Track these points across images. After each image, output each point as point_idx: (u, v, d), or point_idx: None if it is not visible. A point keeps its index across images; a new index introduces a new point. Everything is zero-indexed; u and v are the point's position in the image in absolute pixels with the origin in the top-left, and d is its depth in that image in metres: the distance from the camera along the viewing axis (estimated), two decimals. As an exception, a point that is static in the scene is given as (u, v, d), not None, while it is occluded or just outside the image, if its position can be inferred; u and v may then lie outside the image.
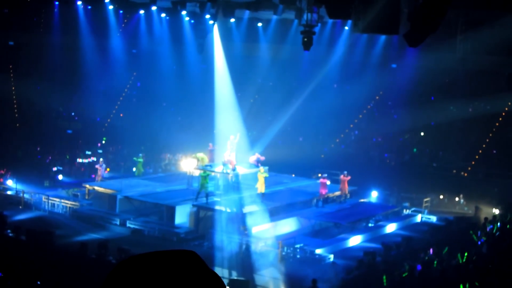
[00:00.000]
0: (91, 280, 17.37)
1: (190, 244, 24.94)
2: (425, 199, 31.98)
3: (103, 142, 42.04)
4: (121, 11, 41.80)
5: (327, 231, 27.25)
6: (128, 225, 27.24)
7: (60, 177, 35.15)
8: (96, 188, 30.73)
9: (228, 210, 26.61)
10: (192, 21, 38.81)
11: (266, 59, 43.55)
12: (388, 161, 39.22)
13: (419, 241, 26.16)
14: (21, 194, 30.32)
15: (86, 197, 30.65)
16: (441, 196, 33.63)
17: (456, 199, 33.57)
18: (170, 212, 27.47)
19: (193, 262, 1.64)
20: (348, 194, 31.26)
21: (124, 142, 40.33)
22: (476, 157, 37.00)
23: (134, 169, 35.17)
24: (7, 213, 26.47)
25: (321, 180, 30.15)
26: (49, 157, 38.20)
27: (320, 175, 31.16)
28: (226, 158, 30.01)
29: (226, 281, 19.44)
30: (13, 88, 43.55)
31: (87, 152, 39.72)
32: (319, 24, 29.78)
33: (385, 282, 18.81)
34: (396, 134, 40.62)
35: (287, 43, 39.99)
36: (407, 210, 31.54)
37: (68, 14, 41.42)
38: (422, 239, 26.70)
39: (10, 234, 24.20)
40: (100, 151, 39.54)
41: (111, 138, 41.70)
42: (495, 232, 24.24)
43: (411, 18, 15.66)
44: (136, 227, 27.10)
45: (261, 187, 28.13)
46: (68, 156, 38.89)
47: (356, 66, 41.23)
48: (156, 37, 42.93)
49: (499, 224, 25.08)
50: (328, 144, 40.32)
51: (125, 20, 44.33)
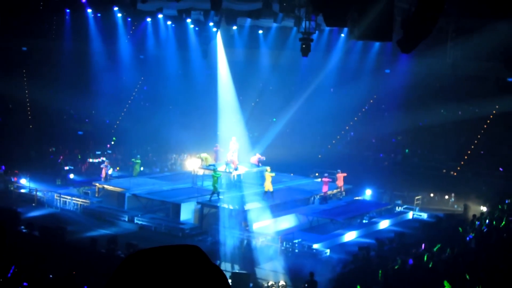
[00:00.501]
0: (101, 273, 17.37)
1: (194, 239, 24.94)
2: (417, 197, 31.97)
3: (113, 142, 41.98)
4: (129, 19, 41.81)
5: (323, 227, 27.25)
6: (136, 221, 27.26)
7: (72, 176, 35.13)
8: (105, 186, 30.75)
9: (230, 207, 26.62)
10: (197, 28, 38.85)
11: (267, 64, 43.58)
12: (381, 161, 39.18)
13: (410, 236, 26.17)
14: (34, 192, 30.34)
15: (96, 195, 30.67)
16: (431, 194, 33.59)
17: (446, 197, 33.53)
18: (176, 209, 27.48)
19: (197, 257, 1.65)
20: (343, 192, 31.31)
21: (132, 143, 40.31)
22: (465, 157, 36.97)
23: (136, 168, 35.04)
24: (21, 210, 26.52)
25: (323, 179, 30.26)
26: (61, 157, 38.20)
27: (320, 174, 31.33)
28: (228, 158, 30.07)
29: (229, 274, 19.44)
30: (26, 91, 43.56)
31: (97, 152, 39.74)
32: (317, 32, 29.86)
33: (380, 276, 18.79)
34: (389, 136, 40.59)
35: (287, 50, 40.00)
36: (400, 208, 31.54)
37: (78, 22, 41.42)
38: (414, 235, 26.70)
39: (24, 230, 24.23)
40: (109, 151, 39.54)
41: (119, 139, 41.68)
42: (483, 228, 24.21)
43: (404, 26, 15.67)
44: (143, 223, 27.11)
45: (269, 186, 28.14)
46: (79, 156, 38.91)
47: (351, 71, 41.24)
48: (162, 43, 42.96)
49: (487, 221, 25.04)
50: (325, 145, 40.30)
51: (133, 27, 44.34)
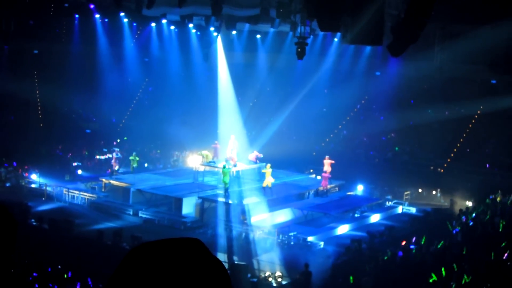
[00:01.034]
0: (107, 264, 17.36)
1: (195, 232, 24.92)
2: (406, 193, 31.97)
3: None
4: (134, 24, 41.75)
5: (318, 221, 27.26)
6: (140, 215, 27.25)
7: (80, 171, 35.08)
8: (111, 181, 30.73)
9: (229, 201, 26.61)
10: (198, 33, 38.82)
11: (264, 67, 43.58)
12: (373, 158, 39.19)
13: (400, 230, 26.22)
14: (44, 187, 30.31)
15: (103, 190, 30.64)
16: (420, 190, 33.59)
17: (434, 192, 33.55)
18: (178, 203, 27.46)
19: (197, 249, 1.64)
20: (329, 187, 31.15)
21: (137, 140, 40.26)
22: (452, 155, 36.98)
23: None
24: (32, 204, 26.50)
25: (323, 174, 30.31)
26: (70, 154, 38.15)
27: (314, 171, 31.39)
28: (228, 155, 30.06)
29: (228, 265, 19.44)
30: (37, 92, 43.46)
31: (104, 150, 39.69)
32: (311, 36, 29.84)
33: (367, 269, 18.82)
34: (380, 134, 40.59)
35: (283, 53, 40.02)
36: (390, 202, 31.55)
37: (87, 26, 41.36)
38: (403, 228, 26.75)
39: (34, 223, 24.24)
40: (117, 149, 39.50)
41: (125, 137, 41.61)
42: (468, 222, 24.25)
43: (393, 31, 15.67)
44: (147, 216, 27.10)
45: (268, 181, 28.11)
46: (87, 152, 38.85)
47: (344, 74, 41.26)
48: (166, 47, 42.96)
49: (473, 215, 25.09)
50: (319, 143, 40.26)
51: (138, 32, 44.28)
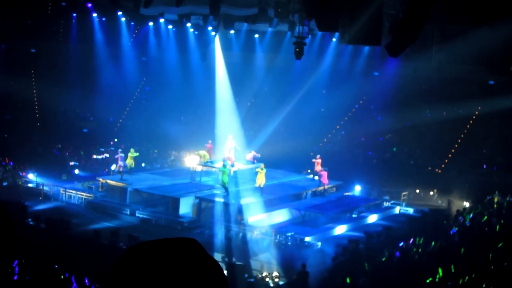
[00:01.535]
0: (103, 264, 17.35)
1: (192, 232, 24.91)
2: (403, 193, 31.99)
3: (115, 140, 41.75)
4: (132, 23, 41.71)
5: (315, 221, 27.26)
6: (137, 214, 27.24)
7: (76, 171, 35.05)
8: (108, 181, 30.68)
9: (227, 202, 26.59)
10: (196, 32, 38.77)
11: (262, 67, 43.55)
12: (370, 158, 39.21)
13: (397, 230, 26.23)
14: (41, 187, 30.28)
15: (100, 190, 30.59)
16: (417, 190, 33.62)
17: (431, 193, 33.58)
18: (175, 203, 27.45)
19: (194, 249, 1.65)
20: (327, 187, 31.23)
21: (134, 140, 40.26)
22: (449, 155, 37.02)
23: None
24: (28, 204, 26.43)
25: (322, 172, 30.32)
26: (67, 153, 38.12)
27: (312, 171, 31.41)
28: (225, 155, 30.05)
29: (225, 265, 19.43)
30: (34, 91, 43.43)
31: (101, 149, 39.67)
32: (310, 36, 29.86)
33: (367, 266, 18.84)
34: (377, 135, 40.61)
35: (281, 53, 40.01)
36: (387, 203, 31.56)
37: (84, 25, 41.34)
38: (401, 228, 26.76)
39: (31, 223, 24.19)
40: (112, 149, 39.44)
41: (122, 137, 41.57)
42: (466, 223, 24.28)
43: (392, 31, 15.70)
44: (144, 216, 27.08)
45: (260, 181, 28.15)
46: (83, 152, 38.80)
47: (342, 74, 41.23)
48: (163, 46, 42.93)
49: (470, 216, 25.12)
50: (317, 143, 40.27)
51: (136, 31, 44.26)
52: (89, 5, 35.15)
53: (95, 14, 38.86)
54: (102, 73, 43.54)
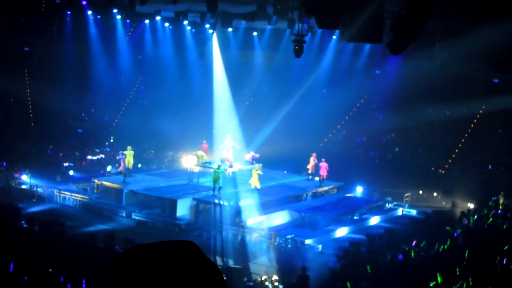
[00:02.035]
0: (99, 267, 17.31)
1: (190, 235, 24.89)
2: (406, 194, 32.03)
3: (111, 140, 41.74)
4: (128, 21, 41.67)
5: (316, 223, 27.24)
6: (133, 217, 27.21)
7: (71, 172, 35.02)
8: (104, 182, 30.66)
9: (225, 203, 26.58)
10: (193, 30, 38.78)
11: (261, 65, 43.58)
12: (372, 159, 39.24)
13: (400, 232, 26.21)
14: (35, 188, 30.25)
15: (95, 191, 30.54)
16: (420, 192, 33.65)
17: (435, 194, 33.61)
18: (172, 205, 27.41)
19: (192, 252, 1.64)
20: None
21: (130, 140, 40.25)
22: (453, 156, 37.06)
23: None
24: (22, 206, 26.40)
25: (321, 164, 30.34)
26: (61, 154, 38.10)
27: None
28: (224, 155, 30.03)
29: (223, 269, 19.41)
30: (28, 90, 43.39)
31: (96, 150, 39.65)
32: (309, 34, 29.90)
33: (369, 270, 18.83)
34: (379, 134, 40.65)
35: (280, 51, 40.02)
36: (389, 204, 31.59)
37: (79, 23, 41.31)
38: (403, 231, 26.75)
39: (25, 225, 24.13)
40: (108, 149, 39.38)
41: (118, 137, 41.56)
42: (470, 225, 24.29)
43: (393, 29, 15.71)
44: (140, 219, 27.06)
45: (255, 183, 28.20)
46: (78, 153, 38.78)
47: (343, 72, 41.25)
48: (160, 44, 42.89)
49: (475, 218, 25.12)
50: (317, 143, 40.31)
51: (132, 29, 44.25)
52: (84, 2, 35.12)
53: (90, 12, 38.77)
54: (97, 72, 43.50)
